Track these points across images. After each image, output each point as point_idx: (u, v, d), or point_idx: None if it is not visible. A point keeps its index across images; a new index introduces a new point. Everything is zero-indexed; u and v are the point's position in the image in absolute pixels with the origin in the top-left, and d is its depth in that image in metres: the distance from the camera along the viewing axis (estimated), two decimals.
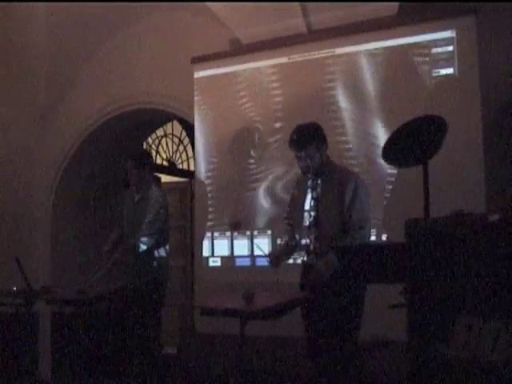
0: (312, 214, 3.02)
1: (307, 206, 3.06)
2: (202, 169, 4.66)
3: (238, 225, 3.23)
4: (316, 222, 3.00)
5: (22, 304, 3.62)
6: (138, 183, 3.94)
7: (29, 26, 5.68)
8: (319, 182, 3.05)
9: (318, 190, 3.04)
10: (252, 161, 4.42)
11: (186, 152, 7.43)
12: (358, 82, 4.04)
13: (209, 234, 4.48)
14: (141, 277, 3.77)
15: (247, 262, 4.35)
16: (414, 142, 2.51)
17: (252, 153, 4.42)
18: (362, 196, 2.97)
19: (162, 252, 3.94)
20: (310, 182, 3.08)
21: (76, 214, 5.80)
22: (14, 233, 5.33)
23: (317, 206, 3.02)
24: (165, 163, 7.22)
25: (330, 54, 4.16)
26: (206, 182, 4.60)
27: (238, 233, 4.37)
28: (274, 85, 4.34)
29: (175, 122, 7.03)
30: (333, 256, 2.80)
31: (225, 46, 4.69)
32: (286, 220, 3.28)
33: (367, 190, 3.08)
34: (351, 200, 2.94)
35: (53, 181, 5.61)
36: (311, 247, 3.02)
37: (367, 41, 4.03)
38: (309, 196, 3.07)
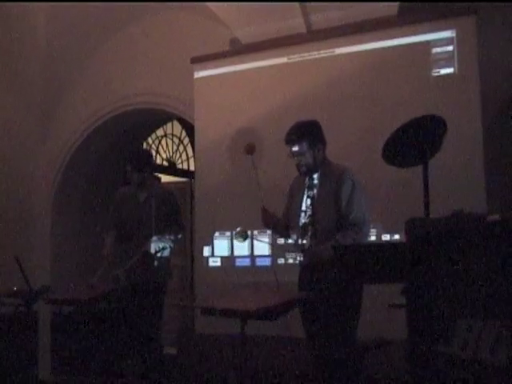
0: (308, 212, 3.02)
1: (304, 206, 3.06)
2: (201, 169, 4.66)
3: (253, 147, 3.17)
4: (312, 220, 3.00)
5: (22, 304, 3.62)
6: (140, 184, 3.90)
7: (28, 26, 5.67)
8: (315, 181, 3.05)
9: (315, 189, 3.04)
10: (251, 160, 4.41)
11: (186, 152, 7.43)
12: (358, 82, 4.04)
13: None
14: (141, 276, 3.76)
15: (247, 262, 4.35)
16: (414, 141, 2.51)
17: (252, 152, 4.41)
18: (358, 194, 2.96)
19: (164, 252, 3.91)
20: (306, 182, 3.08)
21: (76, 214, 5.80)
22: (14, 233, 5.32)
23: (313, 204, 3.01)
24: (165, 163, 7.22)
25: (329, 54, 4.16)
26: (206, 181, 4.60)
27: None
28: (274, 85, 4.34)
29: (175, 122, 7.03)
30: (328, 246, 2.81)
31: (225, 45, 4.69)
32: (283, 220, 3.29)
33: (362, 187, 3.05)
34: (349, 199, 2.93)
35: (53, 181, 5.61)
36: (307, 245, 3.01)
37: (367, 41, 4.03)
38: (305, 195, 3.07)
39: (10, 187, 5.36)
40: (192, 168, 7.09)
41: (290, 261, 3.92)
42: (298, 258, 3.17)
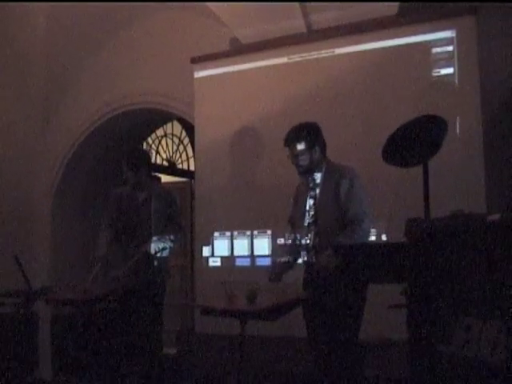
0: (311, 212, 3.06)
1: (307, 206, 3.10)
2: (201, 169, 4.66)
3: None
4: (315, 219, 3.02)
5: (22, 304, 3.61)
6: (136, 185, 3.87)
7: (29, 26, 5.68)
8: (318, 181, 3.08)
9: (317, 189, 3.07)
10: (251, 160, 4.42)
11: (186, 152, 7.44)
12: (358, 82, 4.04)
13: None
14: (140, 277, 3.75)
15: (247, 262, 4.35)
16: (414, 142, 2.51)
17: (251, 152, 4.42)
18: (357, 190, 2.99)
19: (164, 252, 3.89)
20: (309, 183, 3.11)
21: (76, 214, 5.80)
22: (14, 233, 5.32)
23: (315, 204, 3.04)
24: (165, 163, 7.23)
25: (329, 54, 4.16)
26: (206, 181, 4.60)
27: (238, 233, 4.38)
28: (274, 85, 4.34)
29: (175, 122, 7.03)
30: (332, 252, 2.80)
31: (225, 45, 4.70)
32: (289, 222, 3.32)
33: (362, 184, 3.08)
34: (347, 195, 2.97)
35: (53, 181, 5.61)
36: (310, 244, 3.04)
37: (367, 41, 4.03)
38: (308, 196, 3.10)
39: (10, 187, 5.36)
40: (192, 168, 7.09)
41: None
42: (303, 258, 3.18)
